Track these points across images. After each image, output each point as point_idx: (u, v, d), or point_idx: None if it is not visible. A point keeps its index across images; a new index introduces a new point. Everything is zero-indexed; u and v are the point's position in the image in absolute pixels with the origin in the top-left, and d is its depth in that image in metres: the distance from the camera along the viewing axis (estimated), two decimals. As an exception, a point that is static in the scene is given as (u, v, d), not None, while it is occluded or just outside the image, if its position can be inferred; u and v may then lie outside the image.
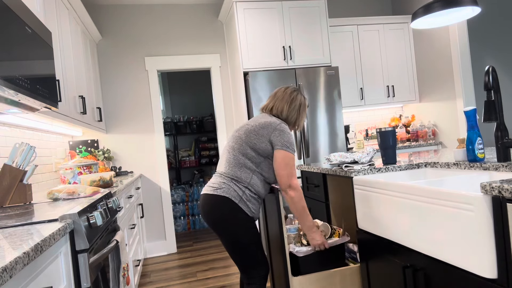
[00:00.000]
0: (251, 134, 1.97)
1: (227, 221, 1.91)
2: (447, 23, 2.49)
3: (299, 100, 2.14)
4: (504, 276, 1.13)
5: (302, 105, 2.15)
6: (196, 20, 4.47)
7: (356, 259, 2.20)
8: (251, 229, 1.95)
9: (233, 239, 1.93)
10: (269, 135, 1.96)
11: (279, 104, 2.11)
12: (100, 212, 1.53)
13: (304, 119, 2.18)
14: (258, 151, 1.96)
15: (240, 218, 1.92)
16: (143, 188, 4.34)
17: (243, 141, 1.98)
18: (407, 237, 1.54)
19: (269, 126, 1.97)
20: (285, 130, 1.98)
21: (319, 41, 4.00)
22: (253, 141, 1.96)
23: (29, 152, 2.05)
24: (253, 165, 1.96)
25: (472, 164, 1.70)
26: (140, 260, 3.46)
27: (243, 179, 1.94)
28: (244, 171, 1.95)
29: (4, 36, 1.42)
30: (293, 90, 2.15)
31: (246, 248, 1.94)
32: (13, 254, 0.87)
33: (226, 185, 1.93)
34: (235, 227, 1.91)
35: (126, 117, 4.29)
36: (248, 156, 1.96)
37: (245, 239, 1.93)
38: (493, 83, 1.53)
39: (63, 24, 2.80)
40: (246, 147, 1.96)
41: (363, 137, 4.73)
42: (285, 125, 2.01)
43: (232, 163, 1.97)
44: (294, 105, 2.11)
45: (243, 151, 1.97)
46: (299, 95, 2.15)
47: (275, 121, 2.01)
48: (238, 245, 1.93)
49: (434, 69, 4.37)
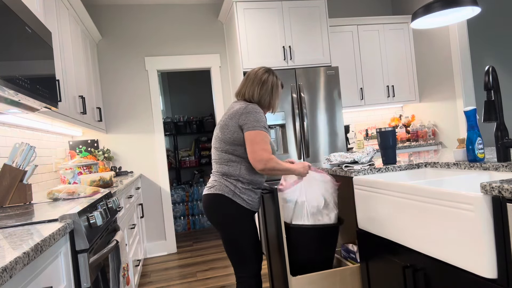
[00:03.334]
0: (224, 129, 1.96)
1: (225, 217, 1.93)
2: (447, 23, 2.49)
3: (270, 81, 2.06)
4: (504, 276, 1.13)
5: (275, 86, 2.07)
6: (196, 20, 4.47)
7: (355, 259, 2.20)
8: (248, 222, 1.96)
9: (231, 234, 1.95)
10: (237, 122, 1.92)
11: (250, 88, 2.04)
12: (100, 212, 1.53)
13: (278, 101, 2.11)
14: (235, 142, 1.94)
15: (237, 212, 1.93)
16: (143, 188, 4.34)
17: (220, 139, 1.97)
18: (407, 237, 1.54)
19: (235, 115, 1.94)
20: (251, 111, 1.92)
21: (319, 41, 4.00)
22: (227, 136, 1.94)
23: (29, 152, 2.05)
24: (237, 158, 1.95)
25: (472, 164, 1.70)
26: (140, 260, 3.46)
27: (232, 173, 1.95)
28: (231, 165, 1.95)
29: (4, 36, 1.42)
30: (265, 71, 2.07)
31: (241, 242, 1.95)
32: (13, 254, 0.86)
33: (218, 183, 1.96)
34: (233, 222, 1.93)
35: (126, 117, 4.29)
36: (229, 151, 1.95)
37: (242, 234, 1.94)
38: (493, 83, 1.53)
39: (63, 24, 2.80)
40: (224, 144, 1.96)
41: (363, 137, 4.73)
42: (252, 106, 1.95)
43: (219, 161, 1.99)
44: (266, 87, 2.04)
45: (223, 149, 1.97)
46: (270, 76, 2.07)
47: (240, 106, 1.96)
48: (234, 240, 1.95)
49: (434, 69, 4.37)
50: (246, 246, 1.96)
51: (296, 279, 2.02)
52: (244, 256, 1.96)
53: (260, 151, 1.87)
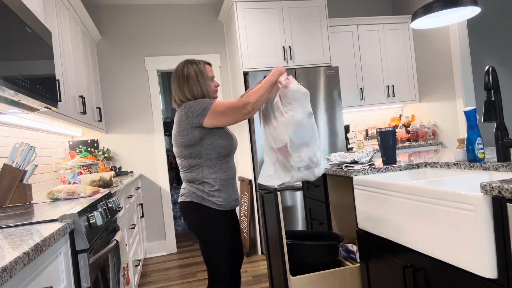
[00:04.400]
0: (177, 137, 1.89)
1: (198, 221, 1.89)
2: (447, 23, 2.49)
3: (193, 72, 1.94)
4: (504, 276, 1.13)
5: (200, 74, 1.95)
6: (196, 20, 4.47)
7: (355, 259, 2.20)
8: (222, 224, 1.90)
9: (204, 237, 1.90)
10: (188, 123, 1.85)
11: (179, 91, 1.94)
12: (100, 212, 1.53)
13: (211, 84, 1.97)
14: (191, 143, 1.86)
15: (208, 215, 1.88)
16: (143, 188, 4.34)
17: (177, 147, 1.91)
18: (407, 237, 1.54)
19: (181, 120, 1.87)
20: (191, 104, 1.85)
21: (319, 41, 4.00)
22: (182, 140, 1.87)
23: (29, 152, 2.05)
24: (196, 160, 1.88)
25: (472, 164, 1.70)
26: (140, 260, 3.46)
27: (196, 177, 1.89)
28: (193, 170, 1.90)
29: (4, 36, 1.42)
30: (183, 66, 1.97)
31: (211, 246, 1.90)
32: (13, 254, 0.86)
33: (186, 190, 1.92)
34: (205, 225, 1.89)
35: (126, 117, 4.29)
36: (187, 155, 1.89)
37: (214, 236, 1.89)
38: (493, 83, 1.53)
39: (63, 24, 2.80)
40: (181, 149, 1.90)
41: (363, 137, 4.73)
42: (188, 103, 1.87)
43: (182, 170, 1.94)
44: (191, 80, 1.93)
45: (181, 155, 1.91)
46: (190, 66, 1.96)
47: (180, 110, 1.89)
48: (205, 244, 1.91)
49: (434, 69, 4.37)
50: (218, 247, 1.90)
51: (296, 279, 2.02)
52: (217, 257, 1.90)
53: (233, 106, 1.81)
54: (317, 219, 2.66)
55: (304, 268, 2.15)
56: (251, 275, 3.35)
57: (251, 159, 3.87)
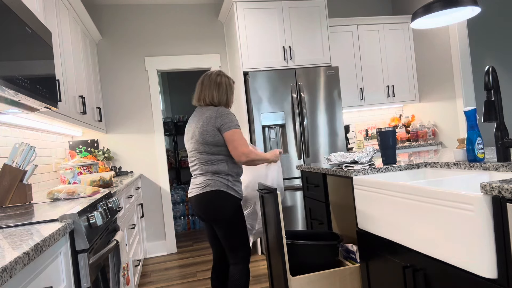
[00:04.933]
0: (205, 135, 2.15)
1: (223, 209, 2.14)
2: (447, 23, 2.49)
3: (224, 83, 2.28)
4: (504, 276, 1.13)
5: (228, 87, 2.29)
6: (196, 20, 4.47)
7: (355, 259, 2.20)
8: (241, 209, 2.23)
9: (229, 223, 2.17)
10: (214, 126, 2.14)
11: (208, 92, 2.25)
12: (100, 212, 1.53)
13: (233, 97, 2.35)
14: (218, 144, 2.15)
15: (232, 202, 2.17)
16: (143, 188, 4.34)
17: (203, 143, 2.17)
18: (407, 237, 1.54)
19: (210, 119, 2.15)
20: (224, 113, 2.16)
21: (319, 41, 4.00)
22: (209, 139, 2.14)
23: (29, 152, 2.05)
24: (223, 156, 2.18)
25: (472, 164, 1.70)
26: (140, 260, 3.46)
27: (222, 170, 2.17)
28: (219, 164, 2.17)
29: (4, 36, 1.42)
30: (217, 75, 2.29)
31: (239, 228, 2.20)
32: (13, 254, 0.87)
33: (212, 181, 2.15)
34: (230, 212, 2.16)
35: (126, 117, 4.29)
36: (215, 152, 2.16)
37: (239, 221, 2.20)
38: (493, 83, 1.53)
39: (63, 24, 2.80)
40: (208, 147, 2.16)
41: (363, 137, 4.73)
42: (222, 109, 2.18)
43: (207, 163, 2.18)
44: (221, 89, 2.26)
45: (209, 151, 2.17)
46: (223, 77, 2.29)
47: (212, 111, 2.18)
48: (233, 228, 2.18)
49: (434, 69, 4.37)
50: (243, 230, 2.22)
51: (296, 279, 2.02)
52: (242, 240, 2.21)
53: (240, 146, 2.13)
54: (317, 219, 2.66)
55: (304, 268, 2.16)
56: (251, 275, 3.35)
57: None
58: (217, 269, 2.40)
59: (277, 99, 3.76)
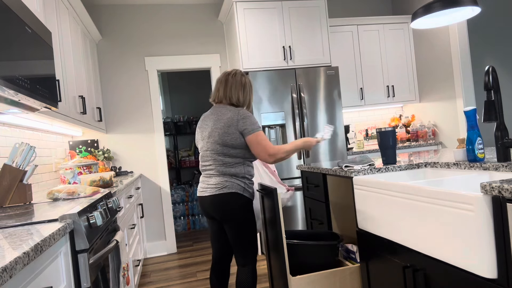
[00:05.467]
0: (225, 137, 2.11)
1: (238, 211, 2.13)
2: (447, 23, 2.49)
3: (248, 83, 2.27)
4: (504, 276, 1.13)
5: (250, 87, 2.29)
6: (196, 20, 4.47)
7: (355, 259, 2.20)
8: (252, 209, 2.22)
9: (242, 224, 2.16)
10: (237, 128, 2.11)
11: (234, 92, 2.22)
12: (100, 212, 1.53)
13: (252, 98, 2.34)
14: (239, 146, 2.13)
15: (247, 204, 2.17)
16: (143, 188, 4.34)
17: (222, 145, 2.13)
18: (407, 237, 1.54)
19: (232, 121, 2.11)
20: (246, 115, 2.13)
21: (319, 41, 4.00)
22: (231, 142, 2.11)
23: (29, 152, 2.05)
24: (241, 159, 2.16)
25: (472, 164, 1.70)
26: (140, 260, 3.46)
27: (239, 173, 2.15)
28: (236, 166, 2.15)
29: (4, 36, 1.42)
30: (241, 75, 2.26)
31: (250, 228, 2.18)
32: (13, 254, 0.86)
33: (229, 183, 2.13)
34: (244, 213, 2.15)
35: (126, 117, 4.29)
36: (233, 155, 2.14)
37: (250, 221, 2.18)
38: (493, 83, 1.53)
39: (63, 24, 2.80)
40: (228, 149, 2.13)
41: (363, 137, 4.73)
42: (243, 111, 2.15)
43: (224, 165, 2.15)
44: (246, 90, 2.25)
45: (227, 153, 2.13)
46: (246, 78, 2.27)
47: (234, 112, 2.14)
48: (245, 228, 2.17)
49: (434, 69, 4.37)
50: (253, 231, 2.20)
51: (296, 279, 2.02)
52: (252, 240, 2.20)
53: (266, 148, 2.11)
54: (317, 219, 2.66)
55: (304, 268, 2.15)
56: (251, 275, 3.35)
57: (251, 159, 3.87)
58: (217, 269, 2.38)
59: (277, 99, 3.76)
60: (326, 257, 2.16)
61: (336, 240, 2.27)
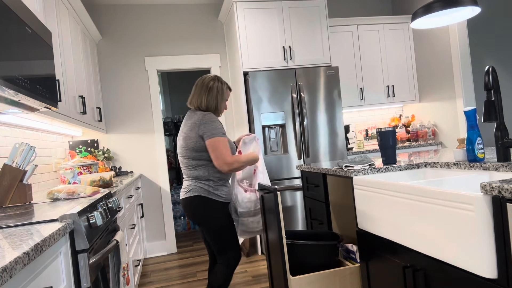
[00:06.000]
0: (187, 140, 2.17)
1: (206, 213, 2.17)
2: (447, 23, 2.49)
3: (215, 88, 2.24)
4: (504, 276, 1.13)
5: (220, 92, 2.25)
6: (196, 20, 4.47)
7: (355, 259, 2.20)
8: (225, 214, 2.22)
9: (216, 227, 2.18)
10: (197, 132, 2.14)
11: (198, 97, 2.24)
12: (100, 212, 1.53)
13: (223, 105, 2.30)
14: (200, 149, 2.15)
15: (216, 207, 2.18)
16: (143, 188, 4.34)
17: (186, 149, 2.18)
18: (407, 237, 1.54)
19: (194, 126, 2.15)
20: (209, 120, 2.14)
21: (319, 41, 4.00)
22: (192, 146, 2.16)
23: (29, 152, 2.05)
24: (204, 161, 2.18)
25: (472, 164, 1.70)
26: (140, 260, 3.46)
27: (202, 176, 2.18)
28: (199, 169, 2.18)
29: (4, 36, 1.42)
30: (210, 79, 2.26)
31: (225, 231, 2.20)
32: (13, 254, 0.86)
33: (193, 186, 2.18)
34: (214, 216, 2.17)
35: (126, 117, 4.29)
36: (196, 157, 2.17)
37: (225, 224, 2.20)
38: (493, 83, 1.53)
39: (63, 24, 2.80)
40: (190, 152, 2.17)
41: (363, 137, 4.73)
42: (208, 116, 2.16)
43: (189, 168, 2.20)
44: (211, 94, 2.23)
45: (190, 156, 2.18)
46: (216, 82, 2.25)
47: (198, 117, 2.17)
48: (218, 231, 2.19)
49: (434, 69, 4.37)
50: (229, 234, 2.21)
51: (296, 279, 2.02)
52: (229, 243, 2.21)
53: (222, 155, 2.10)
54: (317, 219, 2.66)
55: (304, 268, 2.15)
56: (251, 275, 3.35)
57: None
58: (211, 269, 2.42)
59: (277, 99, 3.76)
60: (326, 257, 2.16)
61: (336, 240, 2.27)
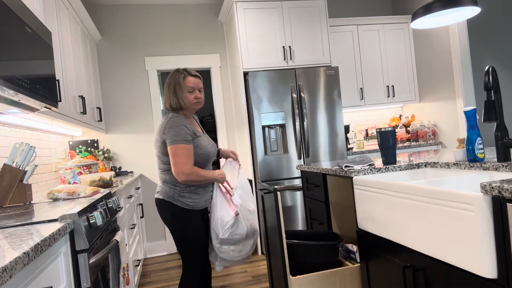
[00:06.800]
0: (156, 144, 2.10)
1: (166, 218, 2.11)
2: (447, 23, 2.49)
3: (172, 82, 2.08)
4: (504, 276, 1.13)
5: (177, 85, 2.07)
6: (196, 20, 4.47)
7: (355, 259, 2.20)
8: (190, 221, 2.08)
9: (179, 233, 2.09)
10: (162, 137, 2.05)
11: (165, 97, 2.13)
12: (100, 212, 1.53)
13: (187, 96, 2.07)
14: (166, 153, 2.07)
15: (180, 214, 2.07)
16: (143, 188, 4.34)
17: (156, 152, 2.12)
18: (407, 237, 1.54)
19: (160, 130, 2.06)
20: (172, 125, 2.00)
21: (319, 41, 4.00)
22: (159, 150, 2.08)
23: (29, 152, 2.05)
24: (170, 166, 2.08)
25: (472, 164, 1.70)
26: (140, 260, 3.46)
27: (169, 180, 2.09)
28: (166, 173, 2.10)
29: (4, 36, 1.42)
30: (171, 75, 2.11)
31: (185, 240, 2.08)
32: (13, 254, 0.86)
33: (161, 188, 2.13)
34: (174, 222, 2.08)
35: (126, 117, 4.29)
36: (164, 161, 2.09)
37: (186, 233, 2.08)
38: (493, 83, 1.53)
39: (63, 24, 2.80)
40: (160, 155, 2.10)
41: (363, 137, 4.73)
42: (173, 120, 2.01)
43: (159, 170, 2.15)
44: (170, 90, 2.09)
45: (160, 159, 2.11)
46: (172, 75, 2.10)
47: (164, 120, 2.07)
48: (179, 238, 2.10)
49: (434, 69, 4.37)
50: (189, 242, 2.08)
51: (296, 279, 2.02)
52: (188, 253, 2.09)
53: (180, 164, 1.97)
54: (317, 219, 2.66)
55: (304, 268, 2.15)
56: (251, 275, 3.35)
57: (251, 159, 3.87)
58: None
59: (277, 99, 3.76)
60: (326, 257, 2.16)
61: (336, 240, 2.27)
